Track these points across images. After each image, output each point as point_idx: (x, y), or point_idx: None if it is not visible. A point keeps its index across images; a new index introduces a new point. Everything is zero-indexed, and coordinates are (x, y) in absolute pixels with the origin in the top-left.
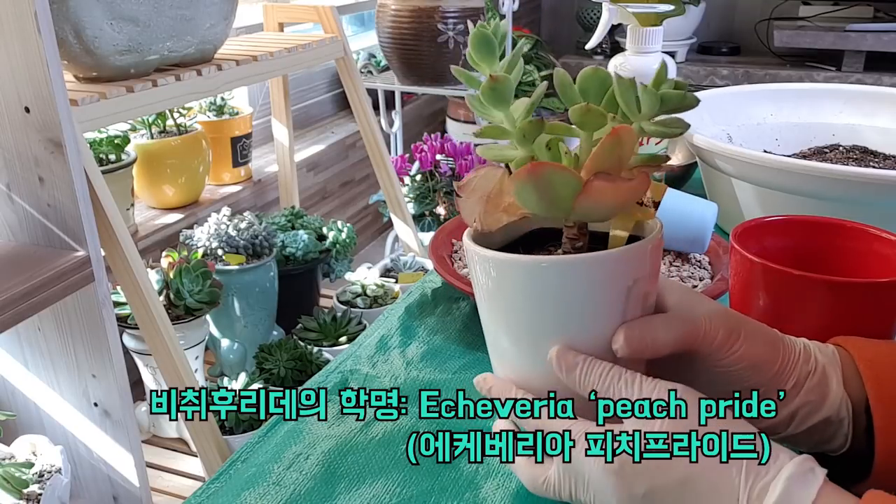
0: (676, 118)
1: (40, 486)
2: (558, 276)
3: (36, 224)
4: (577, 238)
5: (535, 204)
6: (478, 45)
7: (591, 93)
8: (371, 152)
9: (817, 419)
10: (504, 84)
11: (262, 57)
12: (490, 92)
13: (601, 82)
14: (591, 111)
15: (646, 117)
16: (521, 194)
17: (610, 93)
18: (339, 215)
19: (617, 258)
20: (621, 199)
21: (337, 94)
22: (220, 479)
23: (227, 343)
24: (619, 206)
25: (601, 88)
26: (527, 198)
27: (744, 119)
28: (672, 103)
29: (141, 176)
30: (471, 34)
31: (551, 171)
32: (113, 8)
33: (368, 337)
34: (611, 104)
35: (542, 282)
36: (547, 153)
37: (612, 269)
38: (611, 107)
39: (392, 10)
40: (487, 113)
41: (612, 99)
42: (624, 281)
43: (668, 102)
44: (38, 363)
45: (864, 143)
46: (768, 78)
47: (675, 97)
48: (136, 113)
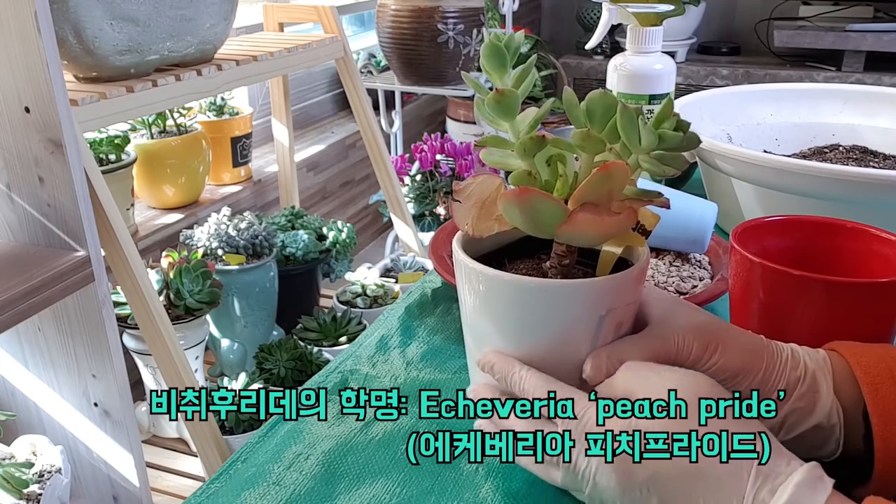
0: (676, 156)
1: (40, 486)
2: (519, 295)
3: (36, 224)
4: (565, 255)
5: (520, 224)
6: (490, 56)
7: (596, 116)
8: (371, 152)
9: (808, 426)
10: (510, 98)
11: (262, 57)
12: (496, 105)
13: (607, 107)
14: (591, 137)
15: (645, 151)
16: (507, 213)
17: (614, 120)
18: (339, 215)
19: (589, 289)
20: (604, 232)
21: (337, 94)
22: (220, 479)
23: (227, 343)
24: (602, 238)
25: (607, 113)
26: (513, 217)
27: (744, 119)
28: (670, 143)
29: (141, 176)
30: (483, 45)
31: (537, 199)
32: (113, 8)
33: (368, 337)
34: (614, 131)
35: (506, 298)
36: (546, 169)
37: (582, 299)
38: (614, 133)
39: (392, 10)
40: (493, 121)
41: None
42: (596, 311)
43: (666, 141)
44: (38, 363)
45: (864, 143)
46: (768, 78)
47: (673, 139)
48: (136, 113)
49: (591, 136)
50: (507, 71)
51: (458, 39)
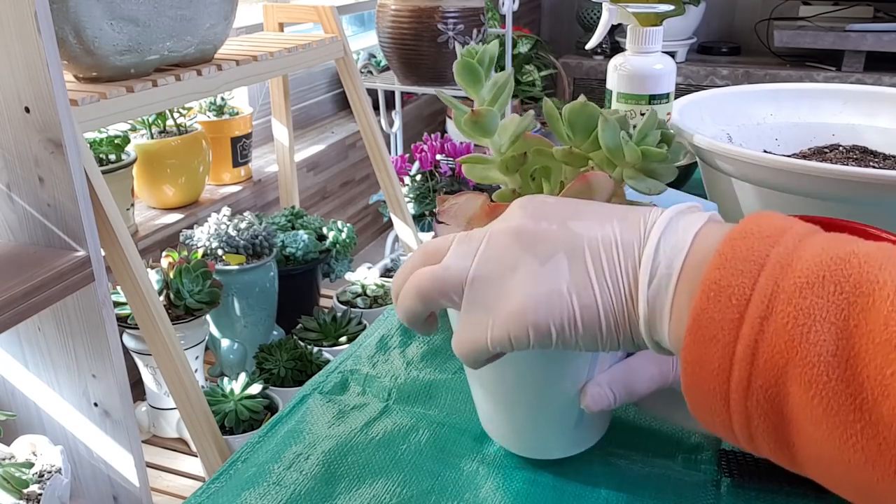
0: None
1: (40, 486)
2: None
3: (36, 224)
4: None
5: None
6: (462, 73)
7: (577, 128)
8: (371, 152)
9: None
10: (486, 117)
11: (262, 57)
12: (473, 125)
13: (588, 118)
14: (574, 155)
15: (629, 165)
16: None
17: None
18: (339, 215)
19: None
20: None
21: (337, 94)
22: (220, 479)
23: (227, 343)
24: None
25: (588, 124)
26: None
27: (744, 119)
28: (654, 159)
29: (141, 176)
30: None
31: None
32: (113, 8)
33: (368, 337)
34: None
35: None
36: (531, 183)
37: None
38: (597, 146)
39: (392, 10)
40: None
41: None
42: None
43: (650, 158)
44: (38, 363)
45: (864, 143)
46: (768, 78)
47: (657, 155)
48: (136, 113)
49: (573, 154)
50: (481, 85)
51: (458, 39)
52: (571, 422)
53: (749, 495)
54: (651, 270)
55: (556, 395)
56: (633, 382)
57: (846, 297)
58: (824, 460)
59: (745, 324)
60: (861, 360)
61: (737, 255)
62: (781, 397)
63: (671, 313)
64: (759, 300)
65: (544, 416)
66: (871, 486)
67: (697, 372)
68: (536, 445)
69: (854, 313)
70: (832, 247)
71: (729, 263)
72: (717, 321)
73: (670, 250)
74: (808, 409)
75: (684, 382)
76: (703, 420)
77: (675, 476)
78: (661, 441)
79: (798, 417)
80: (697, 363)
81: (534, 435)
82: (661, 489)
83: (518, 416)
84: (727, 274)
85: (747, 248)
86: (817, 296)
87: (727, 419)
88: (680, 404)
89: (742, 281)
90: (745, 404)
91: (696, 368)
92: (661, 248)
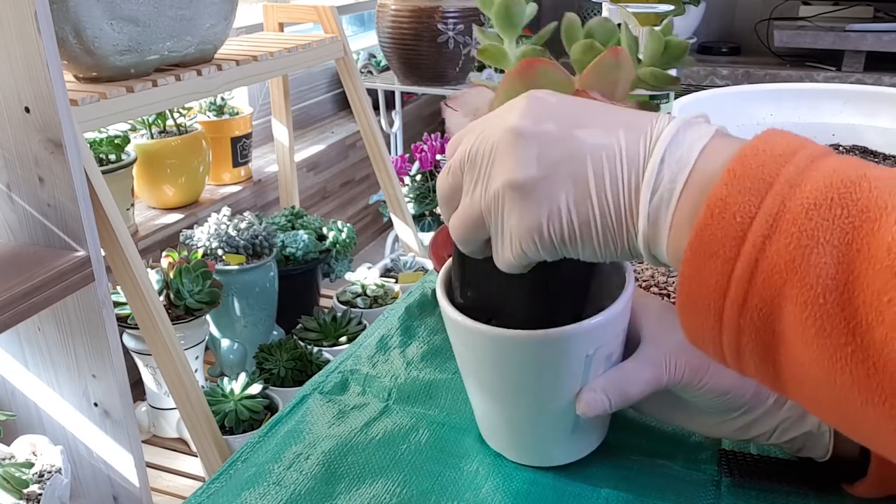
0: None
1: (40, 486)
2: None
3: (36, 224)
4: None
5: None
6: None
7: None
8: (371, 152)
9: (799, 432)
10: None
11: (262, 57)
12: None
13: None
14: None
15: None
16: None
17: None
18: (339, 215)
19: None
20: None
21: (337, 94)
22: (220, 479)
23: (227, 343)
24: None
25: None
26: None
27: (744, 119)
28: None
29: (141, 176)
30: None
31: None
32: (113, 8)
33: (368, 337)
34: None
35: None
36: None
37: (566, 346)
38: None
39: (392, 10)
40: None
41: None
42: (583, 352)
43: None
44: (38, 363)
45: (864, 143)
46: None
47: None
48: (136, 113)
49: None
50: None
51: (458, 39)
52: (569, 428)
53: (749, 495)
54: (654, 185)
55: (552, 401)
56: (628, 387)
57: (852, 221)
58: (808, 380)
59: (746, 242)
60: (859, 284)
61: (746, 172)
62: (775, 316)
63: (671, 228)
64: (764, 219)
65: (542, 423)
66: (853, 410)
67: (694, 288)
68: (536, 453)
69: (858, 237)
70: (843, 169)
71: (737, 181)
72: (720, 238)
73: (675, 164)
74: (801, 330)
75: (679, 297)
76: (691, 336)
77: (676, 476)
78: (661, 441)
79: (789, 337)
80: (695, 278)
81: (532, 442)
82: (662, 489)
83: (516, 424)
84: (734, 191)
85: (758, 165)
86: (823, 218)
87: (717, 335)
88: (679, 406)
89: (749, 199)
90: (738, 321)
91: (693, 284)
92: (667, 161)
